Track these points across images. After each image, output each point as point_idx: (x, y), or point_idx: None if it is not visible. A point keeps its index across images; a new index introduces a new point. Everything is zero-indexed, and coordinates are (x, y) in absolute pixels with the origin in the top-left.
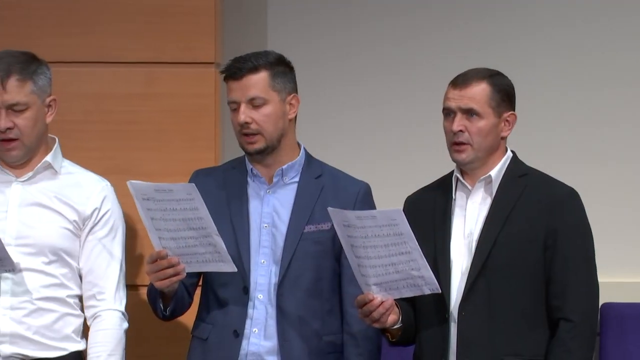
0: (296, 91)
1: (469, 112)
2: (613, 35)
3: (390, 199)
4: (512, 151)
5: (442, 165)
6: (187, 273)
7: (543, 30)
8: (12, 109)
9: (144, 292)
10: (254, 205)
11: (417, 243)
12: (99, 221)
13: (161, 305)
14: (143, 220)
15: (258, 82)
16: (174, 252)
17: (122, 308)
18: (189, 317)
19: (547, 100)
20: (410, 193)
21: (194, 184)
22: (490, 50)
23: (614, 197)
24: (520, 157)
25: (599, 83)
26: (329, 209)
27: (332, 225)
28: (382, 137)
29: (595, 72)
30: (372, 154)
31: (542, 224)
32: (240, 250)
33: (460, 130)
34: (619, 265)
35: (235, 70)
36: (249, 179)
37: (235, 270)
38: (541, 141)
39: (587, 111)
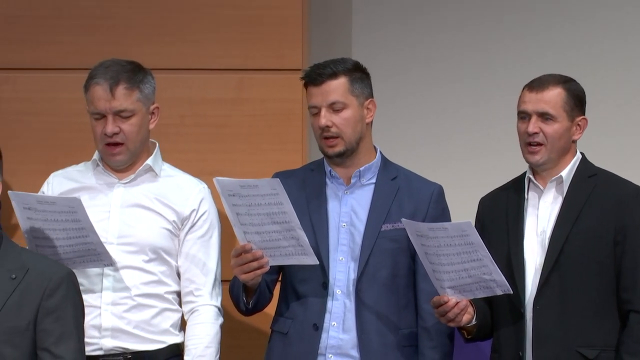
0: (372, 96)
1: (544, 115)
2: None
3: (463, 200)
4: (581, 153)
5: (512, 167)
6: (267, 271)
7: (613, 38)
8: (119, 115)
9: None
10: (332, 205)
11: (487, 251)
12: (196, 222)
13: (244, 299)
14: (228, 216)
15: (338, 87)
16: (258, 246)
17: (218, 304)
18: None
19: (618, 105)
20: (480, 194)
21: (278, 179)
22: (562, 57)
23: None
24: (589, 159)
25: None
26: (403, 220)
27: None
28: (456, 141)
29: None
30: (448, 157)
31: (611, 221)
32: (319, 248)
33: (536, 132)
34: None
35: (316, 76)
36: (327, 180)
37: (317, 263)
38: (609, 143)
39: None
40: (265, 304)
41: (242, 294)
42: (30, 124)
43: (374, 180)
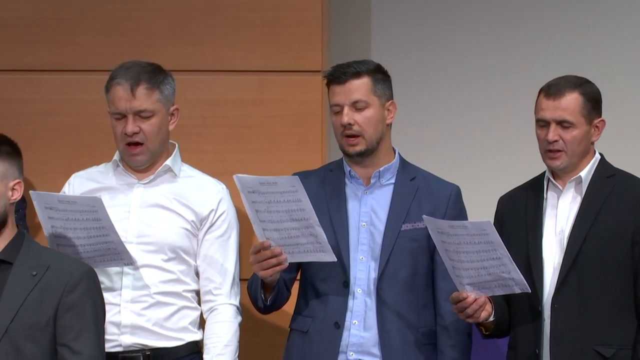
0: (393, 98)
1: (563, 123)
2: None
3: (481, 200)
4: (600, 153)
5: (530, 167)
6: (285, 267)
7: (630, 39)
8: (139, 115)
9: None
10: (352, 205)
11: (506, 250)
12: (215, 222)
13: (262, 296)
14: (248, 212)
15: (361, 86)
16: (277, 243)
17: (237, 302)
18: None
19: (636, 106)
20: (498, 194)
21: (297, 177)
22: (579, 59)
23: None
24: (608, 159)
25: None
26: (424, 217)
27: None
28: (474, 141)
29: None
30: (467, 157)
31: (629, 221)
32: (340, 247)
33: (555, 140)
34: None
35: (339, 74)
36: (347, 180)
37: (335, 260)
38: (626, 144)
39: None
40: (283, 302)
41: (260, 291)
42: (53, 125)
43: (393, 181)
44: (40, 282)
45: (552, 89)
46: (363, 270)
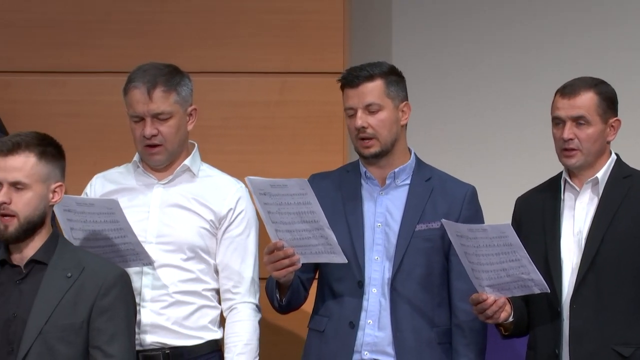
0: (407, 99)
1: (578, 121)
2: None
3: (499, 201)
4: (616, 154)
5: (547, 168)
6: (303, 268)
7: None
8: (157, 117)
9: None
10: (367, 206)
11: (525, 252)
12: (233, 221)
13: (277, 296)
14: (260, 214)
15: (374, 89)
16: (289, 244)
17: (256, 301)
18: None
19: None
20: (516, 194)
21: (306, 180)
22: (597, 60)
23: None
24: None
25: None
26: (443, 220)
27: (442, 224)
28: (494, 142)
29: None
30: (487, 157)
31: None
32: (355, 248)
33: (571, 139)
34: None
35: (353, 78)
36: (362, 182)
37: (346, 261)
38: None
39: None
40: (300, 303)
41: (275, 291)
42: (78, 126)
43: (408, 182)
44: (75, 284)
45: (568, 89)
46: (378, 270)
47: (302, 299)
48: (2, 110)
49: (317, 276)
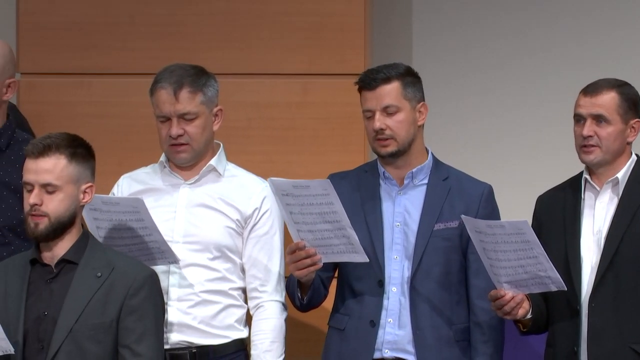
0: (424, 99)
1: (599, 119)
2: None
3: (519, 200)
4: (637, 155)
5: (567, 168)
6: (323, 267)
7: None
8: (183, 117)
9: None
10: (386, 206)
11: (543, 249)
12: (259, 220)
13: (299, 295)
14: (282, 214)
15: (391, 91)
16: (311, 244)
17: (282, 299)
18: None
19: None
20: (536, 194)
21: (329, 180)
22: (619, 62)
23: None
24: None
25: None
26: (463, 216)
27: (459, 223)
28: (513, 142)
29: None
30: (506, 157)
31: None
32: (374, 247)
33: (590, 136)
34: None
35: (370, 81)
36: (381, 181)
37: (367, 260)
38: None
39: None
40: (320, 301)
41: (297, 290)
42: (103, 127)
43: (426, 181)
44: (105, 284)
45: (591, 87)
46: (397, 269)
47: (322, 297)
48: (29, 111)
49: (336, 275)
